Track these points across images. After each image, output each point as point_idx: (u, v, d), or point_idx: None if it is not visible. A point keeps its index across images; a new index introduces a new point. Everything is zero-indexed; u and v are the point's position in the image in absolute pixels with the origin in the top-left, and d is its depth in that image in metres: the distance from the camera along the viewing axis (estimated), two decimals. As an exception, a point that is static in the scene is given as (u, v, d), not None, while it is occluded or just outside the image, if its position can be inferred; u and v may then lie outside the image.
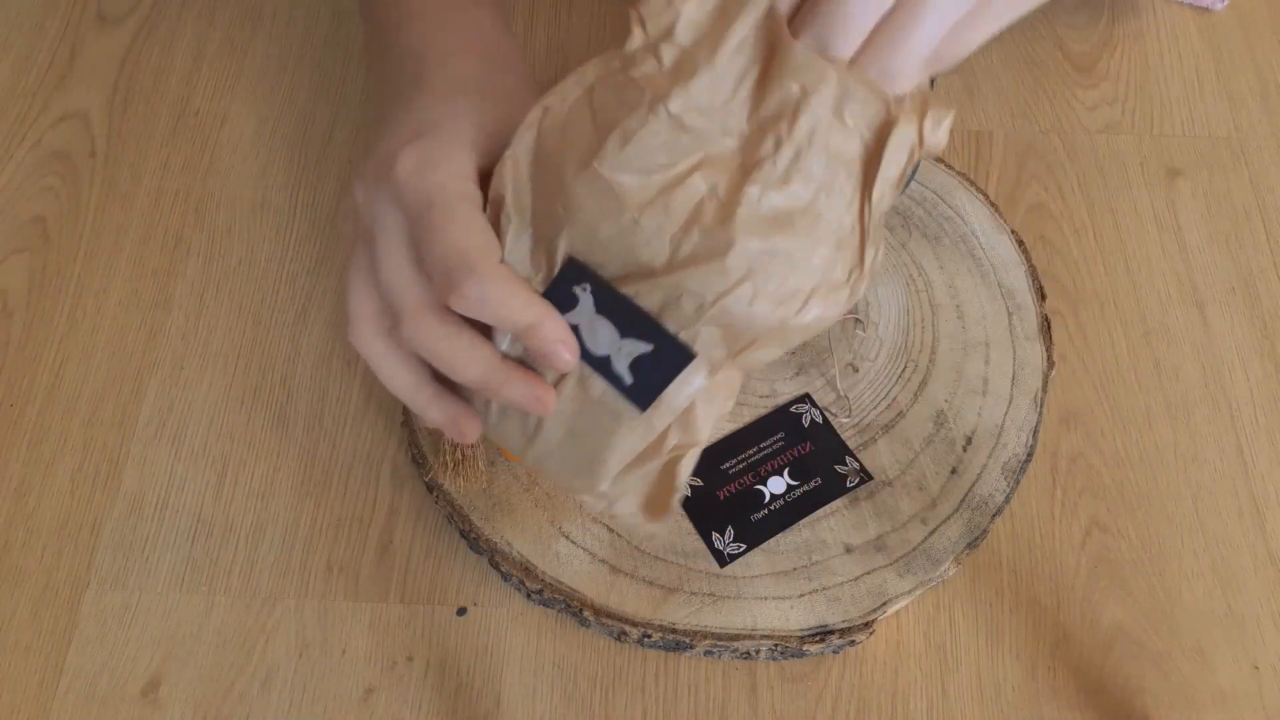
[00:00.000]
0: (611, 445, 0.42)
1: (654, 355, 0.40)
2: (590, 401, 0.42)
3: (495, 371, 0.41)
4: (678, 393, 0.41)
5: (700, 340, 0.39)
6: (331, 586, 0.53)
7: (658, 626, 0.50)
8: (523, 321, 0.39)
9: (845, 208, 0.38)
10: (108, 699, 0.51)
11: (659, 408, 0.41)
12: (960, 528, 0.52)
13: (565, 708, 0.50)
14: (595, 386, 0.41)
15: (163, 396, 0.58)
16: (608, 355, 0.40)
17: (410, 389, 0.43)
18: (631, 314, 0.39)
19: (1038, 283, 0.59)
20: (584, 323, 0.40)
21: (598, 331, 0.40)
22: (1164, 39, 0.71)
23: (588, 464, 0.42)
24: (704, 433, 0.42)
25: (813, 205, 0.38)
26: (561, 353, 0.40)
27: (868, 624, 0.50)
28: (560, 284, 0.40)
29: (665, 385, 0.40)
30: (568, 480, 0.44)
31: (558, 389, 0.42)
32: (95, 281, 0.62)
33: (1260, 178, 0.65)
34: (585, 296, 0.40)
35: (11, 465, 0.57)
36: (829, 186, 0.38)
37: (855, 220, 0.38)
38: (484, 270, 0.39)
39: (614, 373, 0.41)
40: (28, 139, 0.67)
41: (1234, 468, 0.56)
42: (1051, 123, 0.68)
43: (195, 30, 0.72)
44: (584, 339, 0.41)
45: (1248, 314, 0.61)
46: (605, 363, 0.41)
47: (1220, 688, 0.51)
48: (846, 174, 0.38)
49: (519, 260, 0.41)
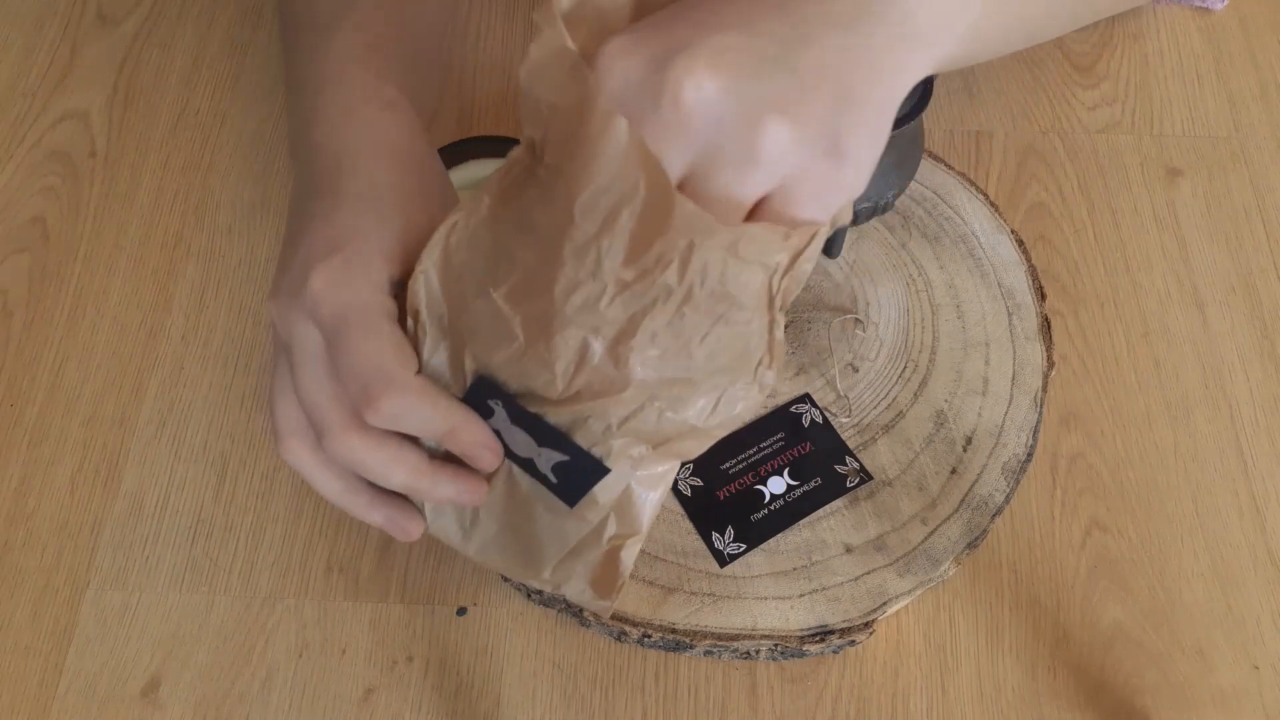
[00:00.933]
0: (546, 537, 0.43)
1: (572, 464, 0.41)
2: (520, 496, 0.43)
3: (423, 476, 0.42)
4: (606, 491, 0.41)
5: (615, 451, 0.40)
6: (331, 586, 0.53)
7: (658, 626, 0.50)
8: (442, 428, 0.40)
9: (747, 323, 0.38)
10: (108, 699, 0.51)
11: (589, 504, 0.42)
12: (960, 528, 0.52)
13: (565, 708, 0.50)
14: (523, 482, 0.42)
15: (163, 396, 0.58)
16: (531, 458, 0.41)
17: (345, 497, 0.43)
18: (543, 429, 0.40)
19: (1038, 283, 0.59)
20: (502, 429, 0.41)
21: (516, 438, 0.41)
22: (1164, 39, 0.71)
23: (526, 555, 0.43)
24: (644, 522, 0.42)
25: (712, 333, 0.37)
26: (484, 454, 0.41)
27: (868, 624, 0.50)
28: (474, 394, 0.41)
29: (588, 489, 0.41)
30: (509, 570, 0.44)
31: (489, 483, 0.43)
32: (95, 281, 0.62)
33: (1260, 178, 0.65)
34: (499, 409, 0.41)
35: (11, 465, 0.57)
36: (727, 316, 0.37)
37: (763, 327, 0.38)
38: (400, 383, 0.39)
39: (539, 473, 0.42)
40: (28, 139, 0.67)
41: (1234, 468, 0.56)
42: (1051, 123, 0.68)
43: (195, 30, 0.72)
44: (506, 442, 0.41)
45: (1248, 314, 0.61)
46: (530, 463, 0.42)
47: (1220, 688, 0.51)
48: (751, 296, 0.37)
49: (439, 368, 0.41)
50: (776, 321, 0.38)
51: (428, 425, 0.40)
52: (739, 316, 0.37)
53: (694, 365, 0.38)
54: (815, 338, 0.57)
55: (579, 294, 0.37)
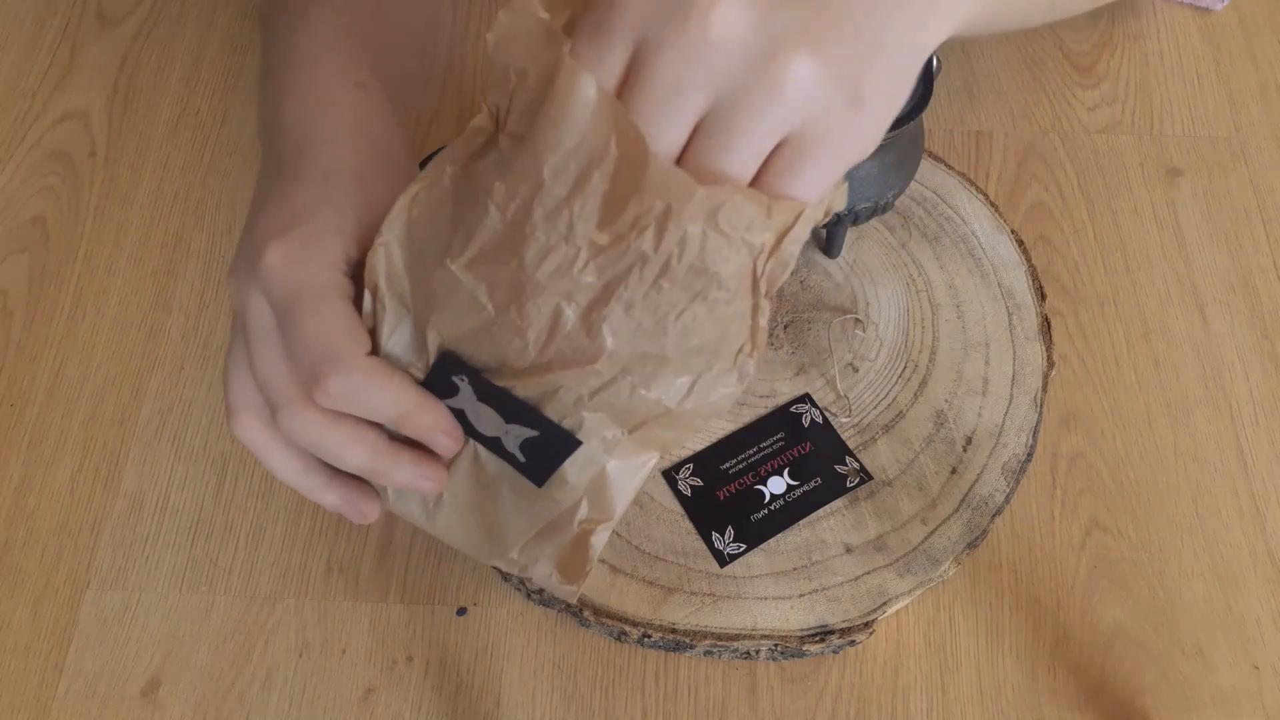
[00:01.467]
0: (513, 517, 0.42)
1: (542, 439, 0.39)
2: (486, 476, 0.42)
3: (381, 457, 0.40)
4: (577, 472, 0.40)
5: (586, 426, 0.39)
6: (331, 586, 0.53)
7: (658, 626, 0.50)
8: (394, 412, 0.39)
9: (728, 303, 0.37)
10: (108, 699, 0.51)
11: (560, 485, 0.40)
12: (960, 528, 0.52)
13: (565, 708, 0.50)
14: (490, 462, 0.41)
15: (163, 396, 0.58)
16: (497, 437, 0.40)
17: (299, 476, 0.42)
18: (511, 403, 0.39)
19: (1038, 283, 0.59)
20: (468, 407, 0.40)
21: (482, 416, 0.40)
22: (1164, 39, 0.71)
23: (492, 535, 0.42)
24: (618, 509, 0.41)
25: (689, 310, 0.36)
26: (441, 439, 0.40)
27: (868, 624, 0.50)
28: (438, 372, 0.39)
29: (558, 466, 0.40)
30: (474, 551, 0.43)
31: (452, 465, 0.41)
32: (95, 281, 0.62)
33: (1260, 178, 0.65)
34: (464, 385, 0.39)
35: (11, 465, 0.57)
36: (706, 294, 0.36)
37: (746, 310, 0.37)
38: (348, 364, 0.38)
39: (506, 452, 0.40)
40: (28, 139, 0.67)
41: (1234, 468, 0.56)
42: (1051, 123, 0.68)
43: (195, 30, 0.72)
44: (470, 421, 0.40)
45: (1248, 314, 0.61)
46: (496, 442, 0.40)
47: (1220, 688, 0.51)
48: (732, 276, 0.36)
49: (400, 347, 0.40)
50: (760, 307, 0.37)
51: (379, 408, 0.39)
52: (719, 295, 0.36)
53: (669, 342, 0.37)
54: (815, 338, 0.57)
55: (551, 259, 0.36)
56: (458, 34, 0.71)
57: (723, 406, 0.39)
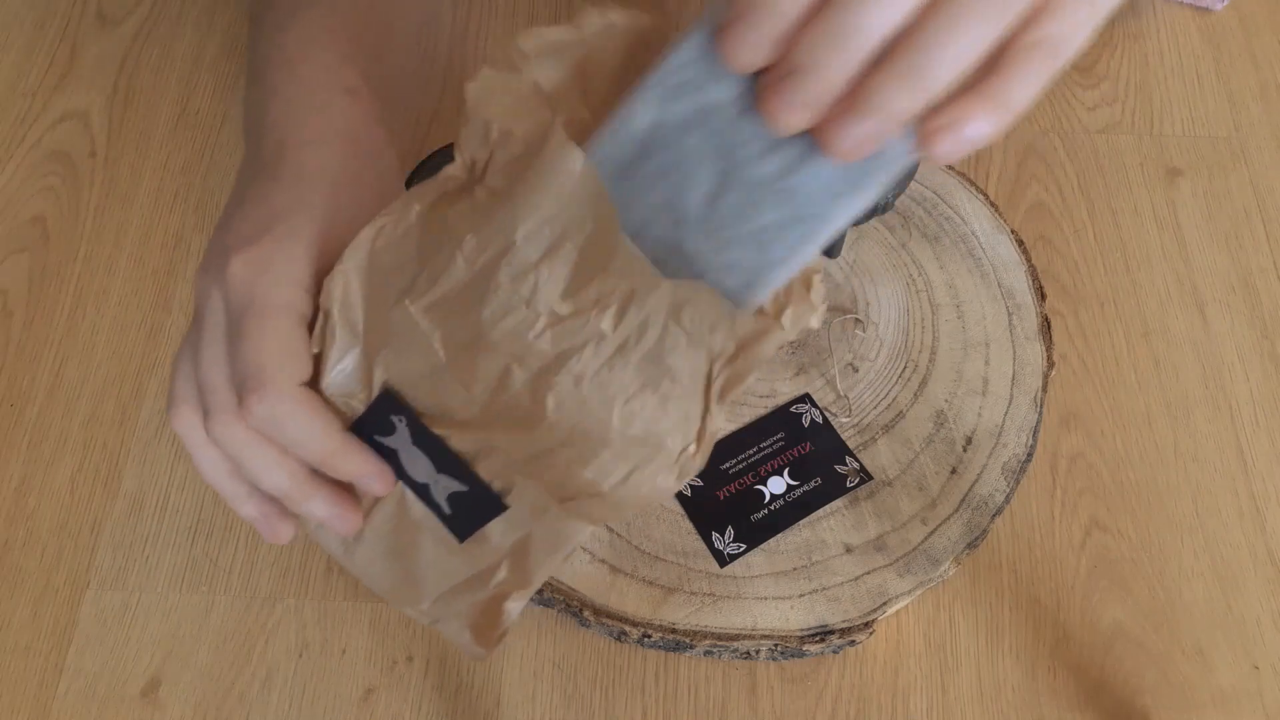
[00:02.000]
0: (431, 569, 0.41)
1: (469, 495, 0.39)
2: (410, 522, 0.41)
3: (299, 486, 0.40)
4: (501, 534, 0.40)
5: (516, 490, 0.38)
6: (331, 586, 0.53)
7: (658, 626, 0.50)
8: (317, 451, 0.39)
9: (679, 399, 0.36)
10: (108, 699, 0.51)
11: (481, 543, 0.40)
12: (960, 528, 0.52)
13: (565, 708, 0.50)
14: (416, 509, 0.41)
15: (163, 396, 0.58)
16: (426, 484, 0.40)
17: (222, 481, 0.41)
18: (445, 453, 0.39)
19: (1038, 283, 0.59)
20: (401, 449, 0.39)
21: (415, 461, 0.39)
22: (1164, 39, 0.71)
23: (407, 581, 0.42)
24: (536, 579, 0.40)
25: (638, 397, 0.36)
26: (371, 484, 0.40)
27: (868, 624, 0.50)
28: (378, 408, 0.39)
29: (481, 525, 0.40)
30: (388, 594, 0.43)
31: (378, 503, 0.41)
32: (95, 281, 0.62)
33: (1260, 178, 0.65)
34: (401, 426, 0.39)
35: (11, 465, 0.57)
36: (657, 384, 0.36)
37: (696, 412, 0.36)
38: (274, 390, 0.37)
39: (433, 500, 0.40)
40: (28, 139, 0.67)
41: (1234, 468, 0.56)
42: (1051, 123, 0.68)
43: (195, 30, 0.72)
44: (402, 463, 0.40)
45: (1248, 314, 0.61)
46: (425, 489, 0.40)
47: (1220, 688, 0.51)
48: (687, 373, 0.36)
49: (345, 375, 0.39)
50: (711, 412, 0.36)
51: (301, 441, 0.38)
52: (671, 390, 0.36)
53: (613, 424, 0.36)
54: (815, 338, 0.57)
55: (510, 319, 0.36)
56: (458, 34, 0.71)
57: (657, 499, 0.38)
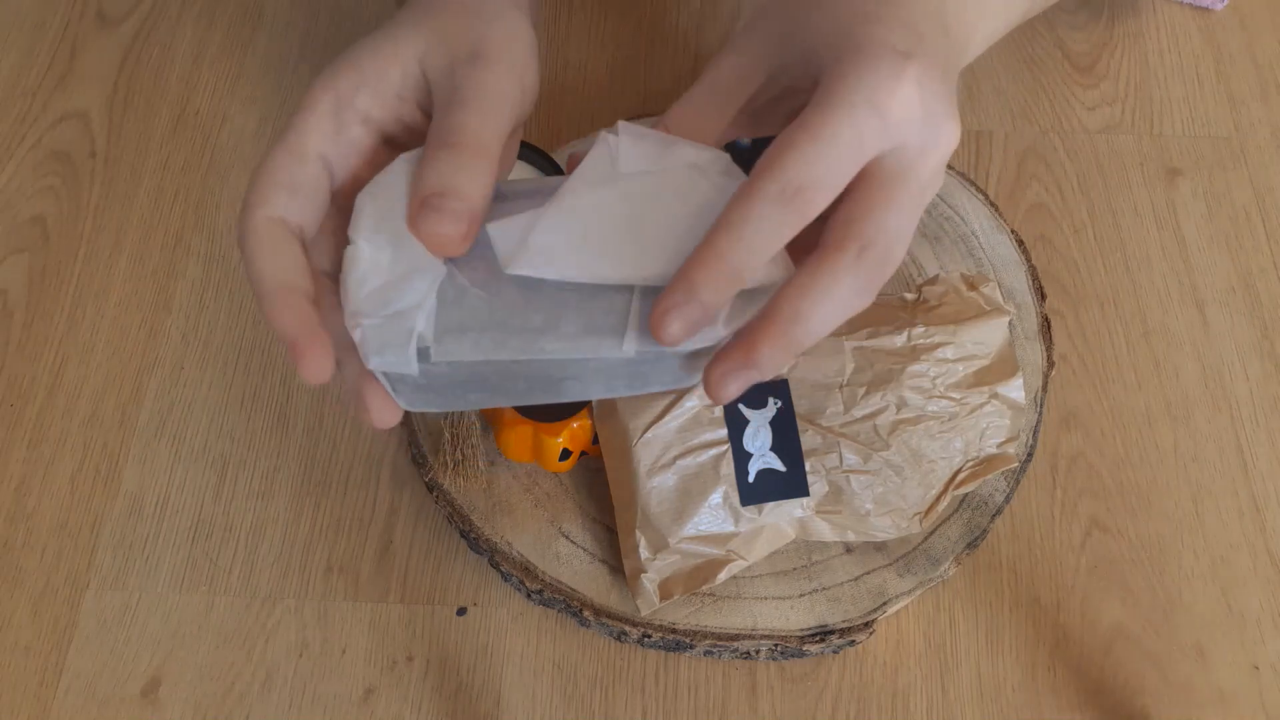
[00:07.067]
0: (699, 513, 0.49)
1: (784, 476, 0.49)
2: (716, 475, 0.50)
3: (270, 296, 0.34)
4: (773, 511, 0.50)
5: (814, 488, 0.50)
6: (331, 586, 0.53)
7: (658, 626, 0.50)
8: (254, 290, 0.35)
9: (931, 478, 0.51)
10: (108, 699, 0.51)
11: (757, 512, 0.50)
12: (960, 528, 0.52)
13: (565, 708, 0.50)
14: (725, 464, 0.50)
15: (163, 396, 0.58)
16: (751, 454, 0.49)
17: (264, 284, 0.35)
18: (791, 443, 0.50)
19: (1038, 283, 0.59)
20: (754, 422, 0.50)
21: (759, 435, 0.50)
22: (1164, 39, 0.71)
23: (677, 513, 0.50)
24: (755, 556, 0.50)
25: (927, 455, 0.51)
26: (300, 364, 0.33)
27: (868, 624, 0.50)
28: (762, 387, 0.48)
29: (774, 499, 0.49)
30: (657, 521, 0.50)
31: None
32: (95, 281, 0.62)
33: (1260, 178, 0.65)
34: (772, 408, 0.50)
35: (11, 465, 0.57)
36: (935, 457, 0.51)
37: (935, 493, 0.51)
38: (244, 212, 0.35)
39: (746, 468, 0.49)
40: (28, 139, 0.67)
41: (1234, 468, 0.56)
42: (1051, 123, 0.68)
43: (195, 30, 0.72)
44: (745, 434, 0.50)
45: (1248, 314, 0.61)
46: (746, 457, 0.49)
47: (1220, 688, 0.51)
48: (947, 465, 0.52)
49: None
50: (946, 495, 0.52)
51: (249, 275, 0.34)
52: (932, 471, 0.51)
53: (911, 474, 0.50)
54: (815, 338, 0.57)
55: (920, 384, 0.52)
56: None
57: (886, 536, 0.50)
